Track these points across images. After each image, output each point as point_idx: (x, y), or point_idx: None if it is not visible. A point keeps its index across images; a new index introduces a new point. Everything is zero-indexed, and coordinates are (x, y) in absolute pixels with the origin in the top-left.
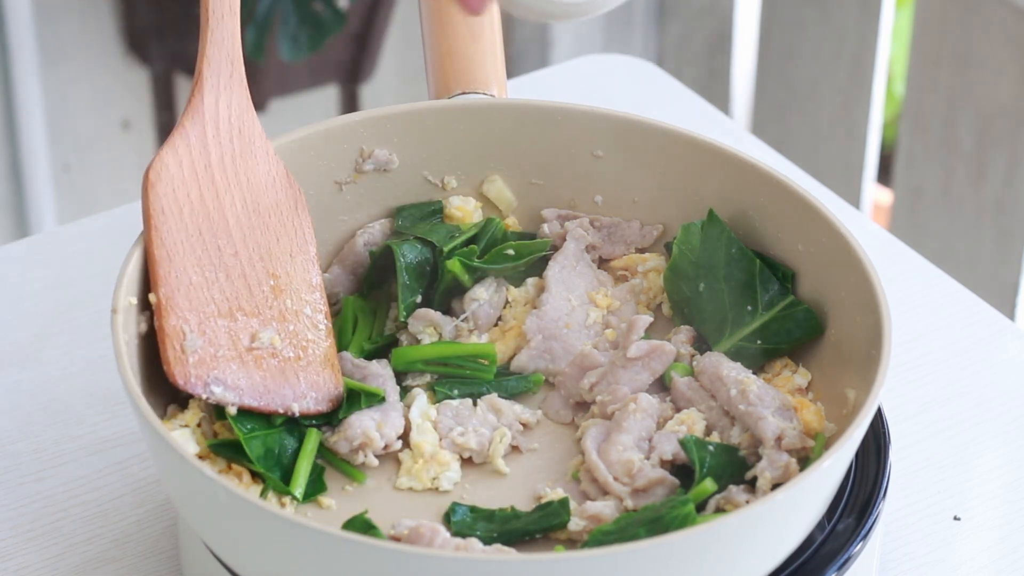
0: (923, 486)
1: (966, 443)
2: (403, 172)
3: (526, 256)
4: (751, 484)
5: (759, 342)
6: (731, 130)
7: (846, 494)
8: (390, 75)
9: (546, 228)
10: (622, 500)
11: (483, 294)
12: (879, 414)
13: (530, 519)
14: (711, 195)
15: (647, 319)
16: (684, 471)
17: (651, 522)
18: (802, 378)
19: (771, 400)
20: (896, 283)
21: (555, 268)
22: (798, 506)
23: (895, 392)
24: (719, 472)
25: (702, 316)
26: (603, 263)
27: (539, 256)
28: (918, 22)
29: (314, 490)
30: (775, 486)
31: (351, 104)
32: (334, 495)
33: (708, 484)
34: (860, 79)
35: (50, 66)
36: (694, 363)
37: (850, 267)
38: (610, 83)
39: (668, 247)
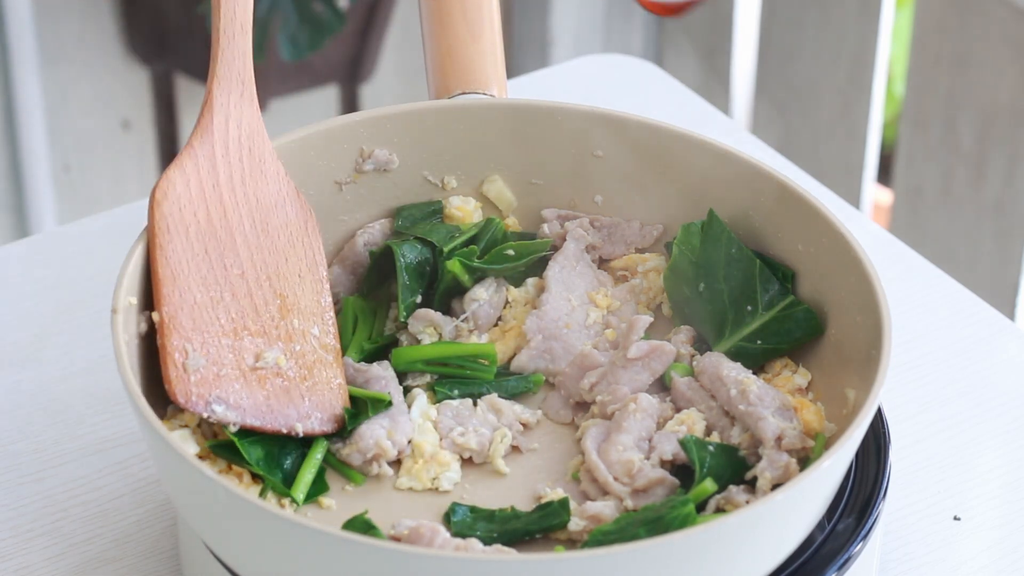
0: (923, 486)
1: (966, 443)
2: (403, 172)
3: (526, 256)
4: (751, 484)
5: (759, 342)
6: (731, 130)
7: (846, 494)
8: (390, 75)
9: (546, 228)
10: (622, 500)
11: (483, 294)
12: (879, 414)
13: (530, 519)
14: (711, 195)
15: (647, 319)
16: (684, 471)
17: (651, 522)
18: (802, 378)
19: (771, 400)
20: (896, 283)
21: (555, 268)
22: (798, 506)
23: (895, 392)
24: (719, 472)
25: (702, 316)
26: (603, 263)
27: (539, 256)
28: (918, 22)
29: (314, 490)
30: (775, 486)
31: (351, 104)
32: (334, 495)
33: (708, 484)
34: (860, 79)
35: (50, 66)
36: (694, 363)
37: (850, 267)
38: (610, 83)
39: (668, 247)
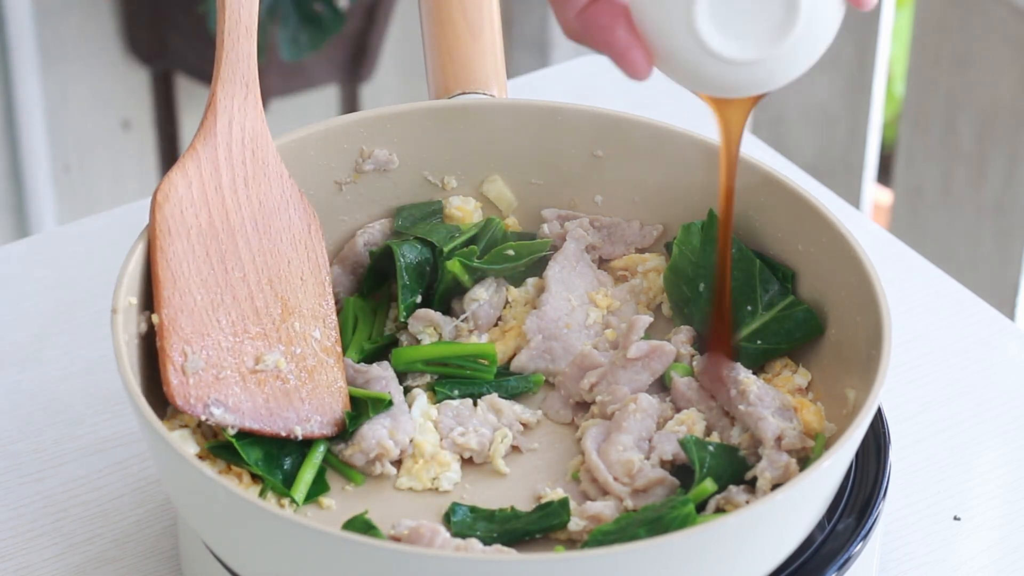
0: (923, 486)
1: (966, 443)
2: (403, 172)
3: (526, 256)
4: (751, 484)
5: (759, 342)
6: None
7: (846, 494)
8: (390, 75)
9: (546, 228)
10: (622, 500)
11: (483, 294)
12: (879, 414)
13: (530, 519)
14: (711, 195)
15: (647, 319)
16: (684, 471)
17: (651, 522)
18: (802, 378)
19: (771, 400)
20: (896, 283)
21: (555, 268)
22: (798, 506)
23: (895, 392)
24: (719, 472)
25: (702, 316)
26: (603, 263)
27: (539, 256)
28: (918, 22)
29: (315, 490)
30: (775, 486)
31: (351, 104)
32: (334, 495)
33: (708, 484)
34: (860, 79)
35: (50, 66)
36: (694, 363)
37: (850, 267)
38: (610, 83)
39: (668, 247)
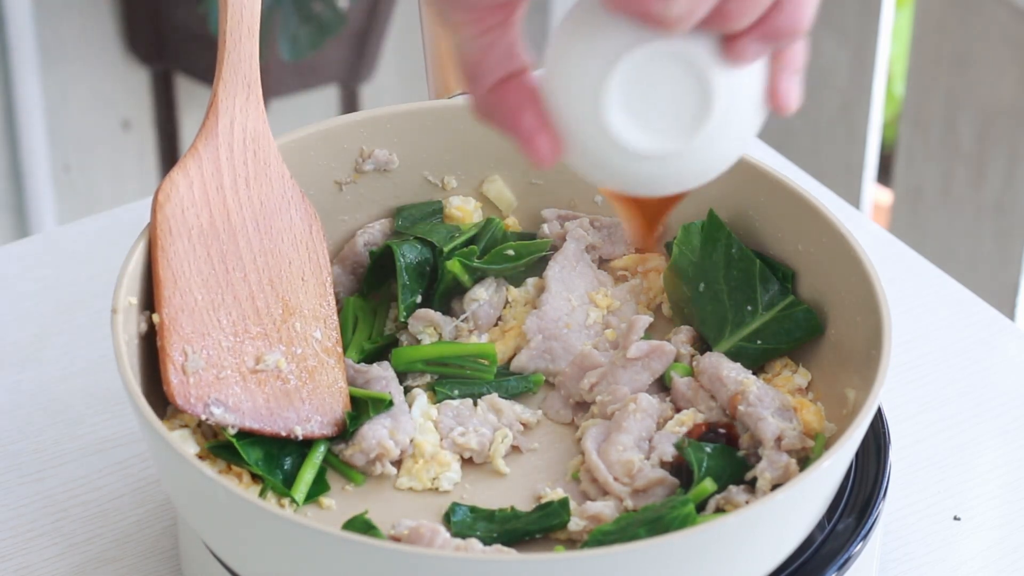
0: (923, 486)
1: (966, 443)
2: (403, 172)
3: (526, 256)
4: (751, 484)
5: (759, 342)
6: None
7: (846, 494)
8: (390, 75)
9: (546, 228)
10: (622, 500)
11: (483, 294)
12: (879, 414)
13: (530, 519)
14: (711, 195)
15: (647, 319)
16: (684, 471)
17: (651, 522)
18: (802, 378)
19: (771, 401)
20: (896, 283)
21: (555, 268)
22: (798, 506)
23: (895, 392)
24: (718, 473)
25: (702, 316)
26: (603, 263)
27: (539, 256)
28: (918, 22)
29: (315, 490)
30: (775, 486)
31: (351, 104)
32: (334, 495)
33: (708, 484)
34: (860, 79)
35: (50, 66)
36: (694, 363)
37: (850, 267)
38: None
39: (668, 247)
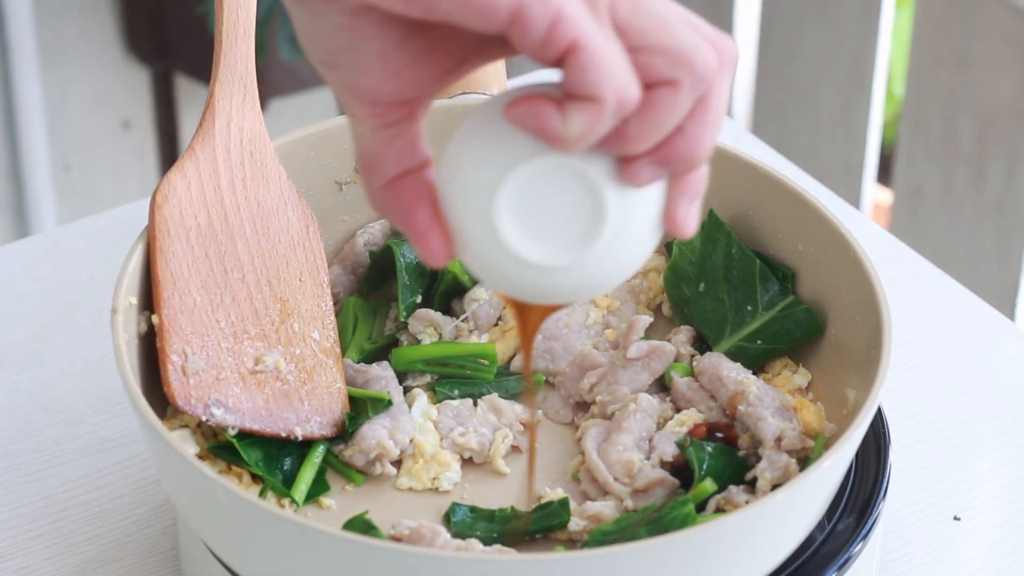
0: (923, 486)
1: (966, 443)
2: None
3: None
4: (751, 484)
5: (759, 342)
6: (731, 130)
7: (846, 494)
8: None
9: None
10: (622, 500)
11: (483, 294)
12: (879, 414)
13: (530, 519)
14: (711, 195)
15: (647, 319)
16: (684, 471)
17: (651, 522)
18: (802, 378)
19: (771, 400)
20: (896, 283)
21: None
22: (798, 506)
23: (895, 392)
24: (719, 473)
25: (702, 316)
26: None
27: None
28: (918, 22)
29: (315, 490)
30: (775, 486)
31: None
32: (334, 495)
33: (708, 484)
34: (860, 79)
35: (50, 66)
36: (694, 363)
37: (850, 267)
38: None
39: (668, 247)
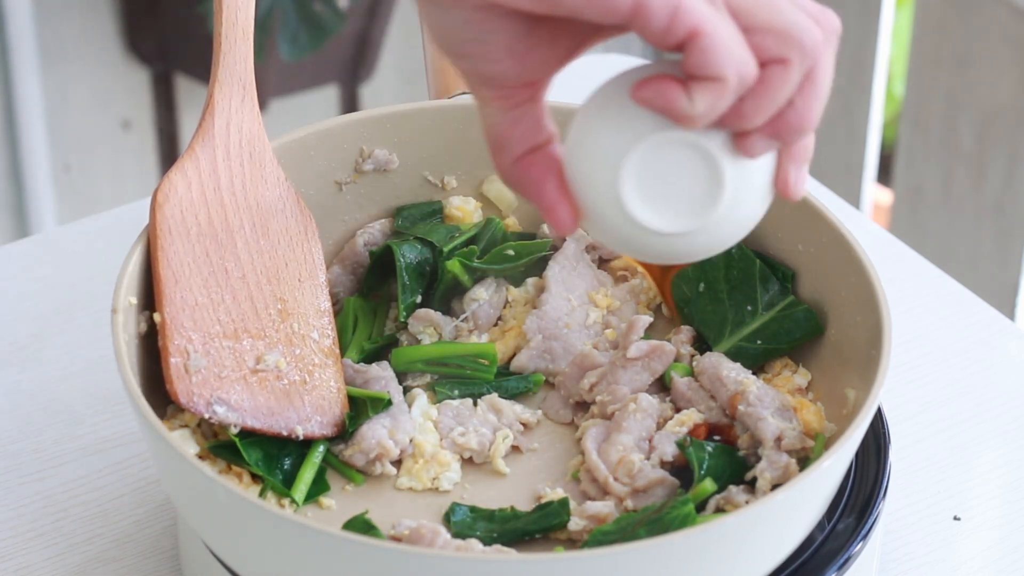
0: (923, 486)
1: (966, 443)
2: (403, 172)
3: (526, 256)
4: (751, 484)
5: (759, 342)
6: None
7: (846, 494)
8: (390, 75)
9: (546, 228)
10: (622, 500)
11: (483, 294)
12: (879, 414)
13: (530, 519)
14: None
15: (647, 319)
16: (684, 471)
17: (651, 522)
18: (802, 378)
19: (771, 401)
20: (896, 283)
21: (555, 268)
22: (798, 506)
23: (895, 392)
24: (718, 473)
25: (702, 316)
26: (603, 263)
27: (539, 256)
28: (918, 22)
29: (315, 490)
30: (775, 486)
31: (351, 104)
32: (334, 495)
33: (708, 484)
34: (860, 79)
35: (50, 66)
36: (694, 363)
37: (850, 267)
38: None
39: None
